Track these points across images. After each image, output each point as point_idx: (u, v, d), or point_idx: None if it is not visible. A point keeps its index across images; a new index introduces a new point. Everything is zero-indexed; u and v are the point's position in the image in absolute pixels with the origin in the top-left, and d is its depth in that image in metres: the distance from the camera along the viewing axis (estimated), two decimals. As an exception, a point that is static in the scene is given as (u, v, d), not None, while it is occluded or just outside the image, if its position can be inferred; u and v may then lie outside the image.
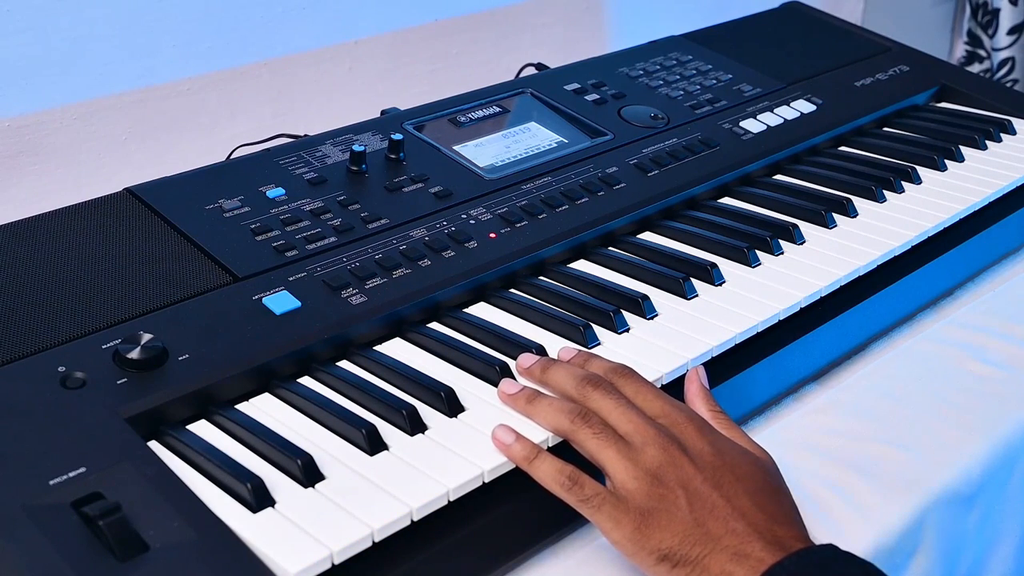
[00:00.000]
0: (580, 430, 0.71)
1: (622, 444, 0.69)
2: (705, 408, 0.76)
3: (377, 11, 1.41)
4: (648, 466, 0.68)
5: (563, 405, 0.72)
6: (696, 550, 0.65)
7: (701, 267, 0.94)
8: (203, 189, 0.95)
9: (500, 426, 0.72)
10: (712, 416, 0.75)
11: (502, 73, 1.38)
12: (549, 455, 0.70)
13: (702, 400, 0.77)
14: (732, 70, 1.30)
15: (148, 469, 0.67)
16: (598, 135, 1.12)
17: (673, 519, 0.66)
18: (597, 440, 0.70)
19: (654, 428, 0.70)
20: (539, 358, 0.78)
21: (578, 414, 0.71)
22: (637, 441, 0.69)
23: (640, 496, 0.67)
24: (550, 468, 0.70)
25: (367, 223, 0.93)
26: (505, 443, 0.71)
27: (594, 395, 0.72)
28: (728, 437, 0.73)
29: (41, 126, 1.17)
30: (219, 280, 0.85)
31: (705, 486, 0.67)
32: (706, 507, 0.66)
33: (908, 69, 1.38)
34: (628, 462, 0.68)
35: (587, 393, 0.73)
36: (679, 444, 0.69)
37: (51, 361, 0.75)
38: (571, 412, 0.72)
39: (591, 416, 0.71)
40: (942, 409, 0.89)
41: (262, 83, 1.33)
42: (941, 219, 1.06)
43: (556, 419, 0.72)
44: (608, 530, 0.68)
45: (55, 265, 0.84)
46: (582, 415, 0.71)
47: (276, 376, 0.80)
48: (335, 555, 0.64)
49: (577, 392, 0.73)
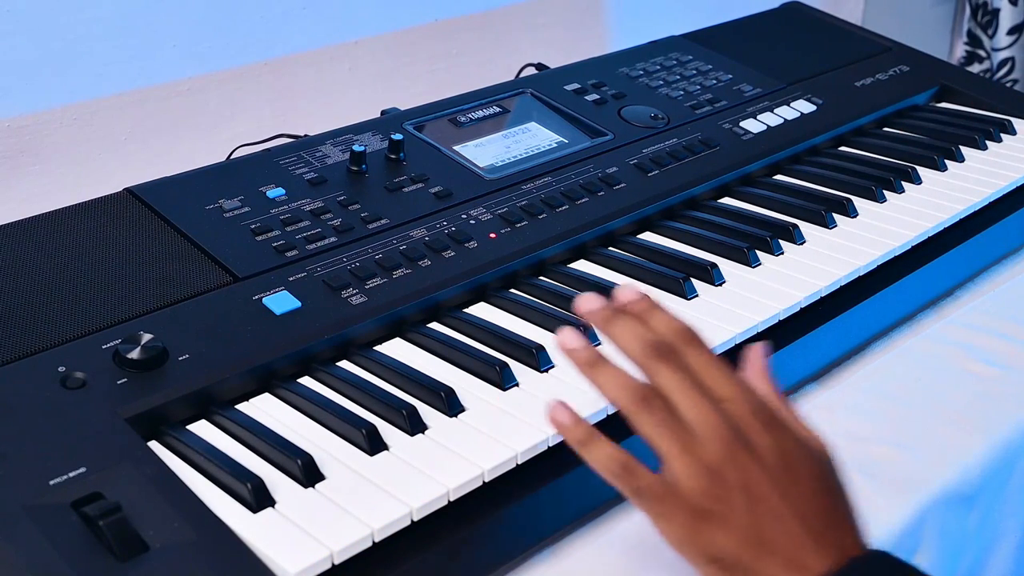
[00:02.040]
0: (641, 414, 0.65)
1: (683, 434, 0.64)
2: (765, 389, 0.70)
3: (377, 11, 1.41)
4: (709, 462, 0.63)
5: (626, 381, 0.66)
6: (749, 555, 0.62)
7: (701, 267, 0.94)
8: (203, 189, 0.95)
9: (557, 404, 0.67)
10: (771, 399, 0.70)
11: (502, 73, 1.38)
12: (603, 440, 0.66)
13: (762, 381, 0.71)
14: (732, 70, 1.30)
15: (148, 469, 0.67)
16: (598, 135, 1.12)
17: (729, 522, 0.62)
18: (657, 429, 0.64)
19: (718, 418, 0.64)
20: (603, 303, 0.69)
21: (641, 397, 0.65)
22: (700, 432, 0.64)
23: (696, 494, 0.63)
24: (602, 454, 0.65)
25: (367, 223, 0.93)
26: (561, 422, 0.66)
27: (661, 370, 0.65)
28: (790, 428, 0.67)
29: (41, 126, 1.17)
30: (219, 280, 0.85)
31: (766, 489, 0.63)
32: (764, 512, 0.62)
33: (908, 69, 1.38)
34: (688, 457, 0.63)
35: (653, 365, 0.66)
36: (744, 440, 0.64)
37: (51, 361, 0.75)
38: (634, 393, 0.65)
39: (654, 402, 0.65)
40: (942, 409, 0.89)
41: (262, 83, 1.33)
42: (941, 219, 1.06)
43: (617, 395, 0.66)
44: (658, 523, 0.64)
45: (55, 265, 0.84)
46: (645, 399, 0.65)
47: (276, 376, 0.80)
48: (335, 555, 0.64)
49: (643, 359, 0.66)
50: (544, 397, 0.78)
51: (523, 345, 0.83)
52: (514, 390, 0.79)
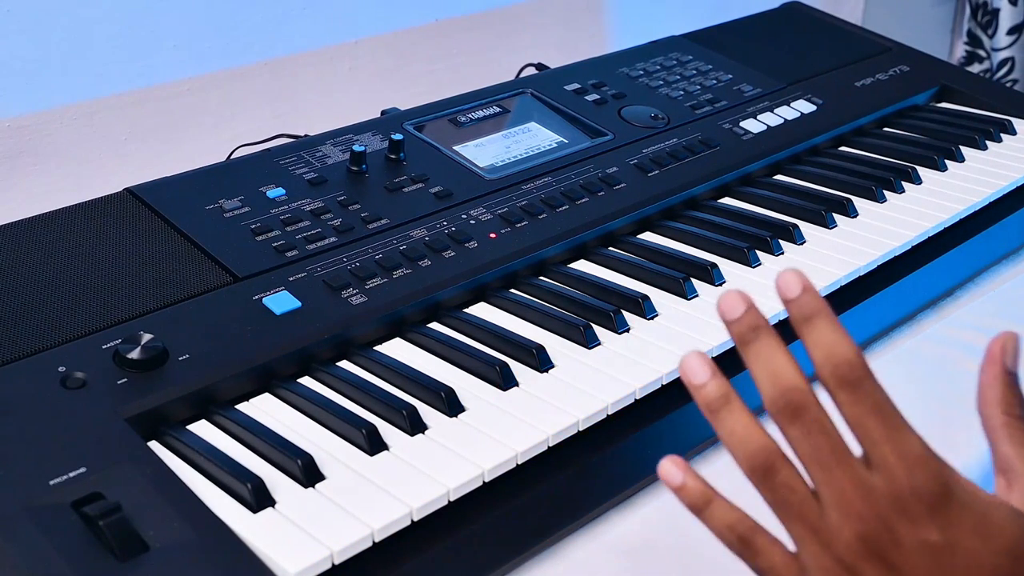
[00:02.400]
0: (760, 485, 0.53)
1: (812, 511, 0.51)
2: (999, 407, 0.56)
3: (377, 11, 1.41)
4: (839, 554, 0.51)
5: (750, 437, 0.53)
6: None
7: (701, 267, 0.94)
8: (203, 189, 0.95)
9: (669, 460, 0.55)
10: (1005, 423, 0.56)
11: (502, 73, 1.38)
12: (723, 502, 0.55)
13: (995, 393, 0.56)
14: (732, 70, 1.30)
15: (148, 469, 0.67)
16: (598, 135, 1.12)
17: None
18: (780, 508, 0.53)
19: (859, 497, 0.50)
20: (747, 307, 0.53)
21: (760, 464, 0.52)
22: (831, 516, 0.51)
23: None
24: (719, 523, 0.55)
25: (367, 223, 0.93)
26: (674, 484, 0.55)
27: (792, 432, 0.52)
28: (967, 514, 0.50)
29: (41, 126, 1.17)
30: (219, 280, 0.85)
31: None
32: None
33: (908, 69, 1.38)
34: (816, 546, 0.51)
35: (784, 424, 0.52)
36: (891, 532, 0.50)
37: (51, 361, 0.75)
38: (754, 457, 0.52)
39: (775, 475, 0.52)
40: (942, 409, 0.89)
41: (262, 83, 1.33)
42: (941, 219, 1.06)
43: (736, 452, 0.53)
44: None
45: (55, 265, 0.84)
46: (765, 469, 0.52)
47: (276, 376, 0.80)
48: (335, 555, 0.64)
49: (773, 410, 0.52)
50: (544, 397, 0.78)
51: (523, 345, 0.83)
52: (514, 390, 0.79)
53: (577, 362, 0.82)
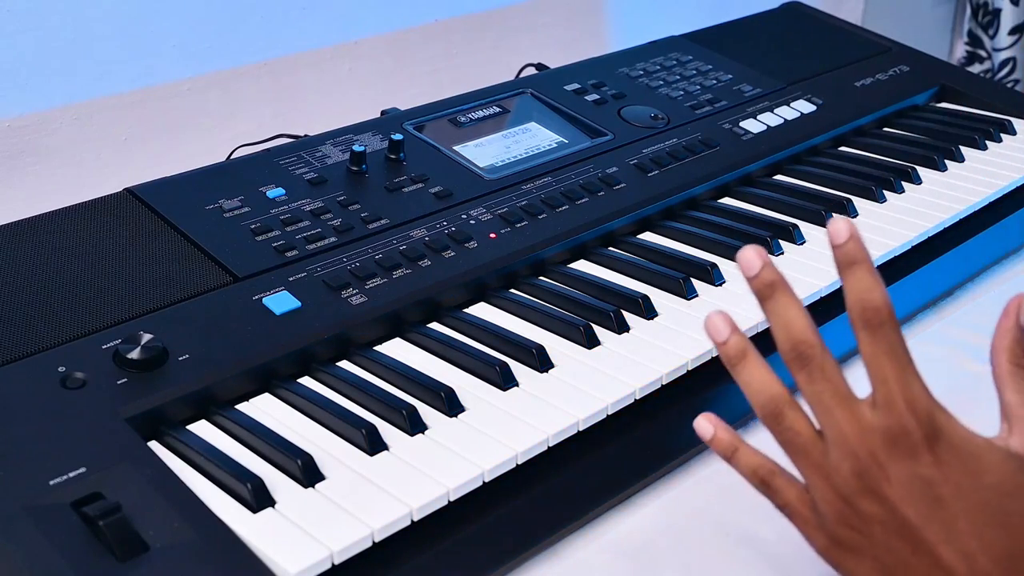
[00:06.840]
0: (771, 427, 0.60)
1: (816, 451, 0.58)
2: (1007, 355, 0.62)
3: (377, 11, 1.41)
4: (840, 489, 0.57)
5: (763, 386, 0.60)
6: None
7: (701, 267, 0.94)
8: (203, 189, 0.95)
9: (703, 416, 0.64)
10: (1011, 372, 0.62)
11: (502, 73, 1.38)
12: (749, 449, 0.63)
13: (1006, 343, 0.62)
14: (732, 70, 1.30)
15: (148, 469, 0.67)
16: (598, 135, 1.12)
17: (865, 556, 0.57)
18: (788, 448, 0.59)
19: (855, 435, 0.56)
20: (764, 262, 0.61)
21: (771, 410, 0.59)
22: (833, 452, 0.57)
23: (832, 521, 0.58)
24: (744, 466, 0.62)
25: (367, 223, 0.93)
26: (707, 436, 0.63)
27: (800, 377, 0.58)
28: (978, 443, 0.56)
29: (41, 126, 1.17)
30: (219, 280, 0.85)
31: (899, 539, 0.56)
32: (898, 562, 0.56)
33: (908, 69, 1.38)
34: (821, 481, 0.58)
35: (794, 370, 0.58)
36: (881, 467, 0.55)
37: (51, 361, 0.75)
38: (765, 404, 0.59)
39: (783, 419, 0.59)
40: (942, 409, 0.89)
41: (262, 83, 1.33)
42: (941, 219, 1.06)
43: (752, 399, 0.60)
44: (801, 532, 0.61)
45: (55, 265, 0.84)
46: (775, 414, 0.59)
47: (276, 376, 0.80)
48: (335, 555, 0.64)
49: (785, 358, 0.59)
50: (544, 397, 0.78)
51: (523, 345, 0.83)
52: (514, 390, 0.79)
53: (577, 362, 0.83)
